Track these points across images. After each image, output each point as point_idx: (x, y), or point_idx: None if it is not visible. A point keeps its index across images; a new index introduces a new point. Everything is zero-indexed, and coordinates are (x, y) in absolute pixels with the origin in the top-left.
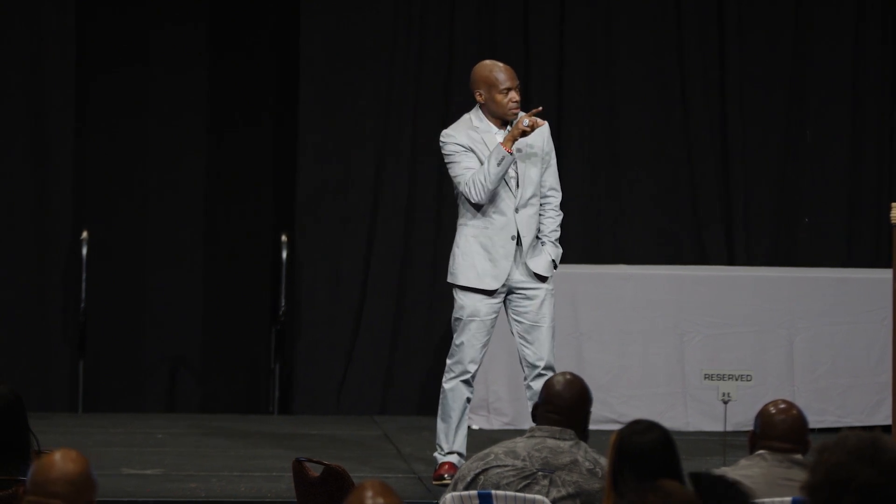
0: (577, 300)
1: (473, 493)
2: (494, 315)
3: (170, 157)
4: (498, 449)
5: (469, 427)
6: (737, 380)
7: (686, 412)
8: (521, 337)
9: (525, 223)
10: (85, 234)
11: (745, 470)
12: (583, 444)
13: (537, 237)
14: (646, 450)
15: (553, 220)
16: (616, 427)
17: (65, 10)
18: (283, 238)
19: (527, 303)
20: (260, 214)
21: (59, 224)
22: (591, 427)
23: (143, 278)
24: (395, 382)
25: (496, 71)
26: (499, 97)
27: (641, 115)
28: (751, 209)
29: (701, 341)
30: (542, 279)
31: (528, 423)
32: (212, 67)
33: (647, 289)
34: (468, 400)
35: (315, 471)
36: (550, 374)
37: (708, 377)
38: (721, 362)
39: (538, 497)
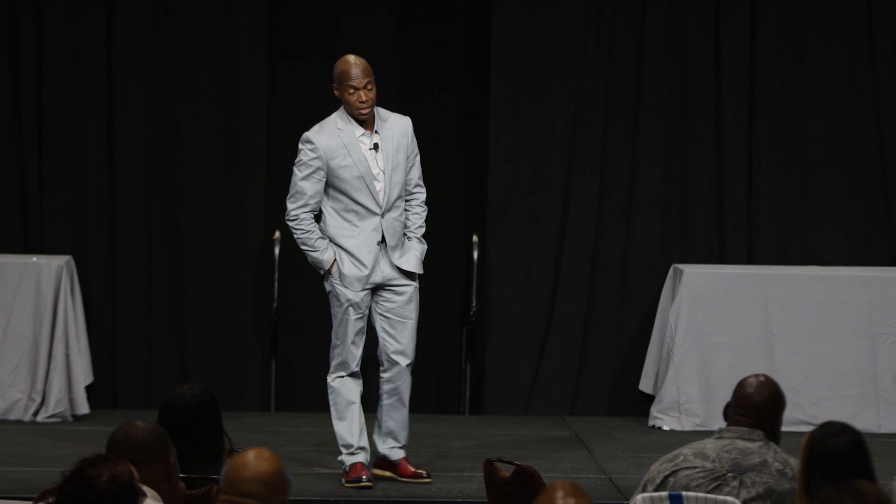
0: (769, 301)
1: (664, 493)
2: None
3: None
4: (687, 450)
5: (660, 428)
6: None
7: (878, 414)
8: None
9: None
10: (277, 235)
11: None
12: (772, 444)
13: (404, 234)
14: (838, 452)
15: (419, 217)
16: (807, 428)
17: (257, 5)
18: (474, 238)
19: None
20: (451, 214)
21: (251, 224)
22: (783, 429)
23: None
24: (586, 383)
25: (348, 66)
26: (346, 95)
27: (832, 114)
28: None
29: (893, 343)
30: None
31: (718, 425)
32: (402, 64)
33: (839, 290)
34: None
35: (506, 471)
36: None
37: None
38: None
39: (728, 498)
